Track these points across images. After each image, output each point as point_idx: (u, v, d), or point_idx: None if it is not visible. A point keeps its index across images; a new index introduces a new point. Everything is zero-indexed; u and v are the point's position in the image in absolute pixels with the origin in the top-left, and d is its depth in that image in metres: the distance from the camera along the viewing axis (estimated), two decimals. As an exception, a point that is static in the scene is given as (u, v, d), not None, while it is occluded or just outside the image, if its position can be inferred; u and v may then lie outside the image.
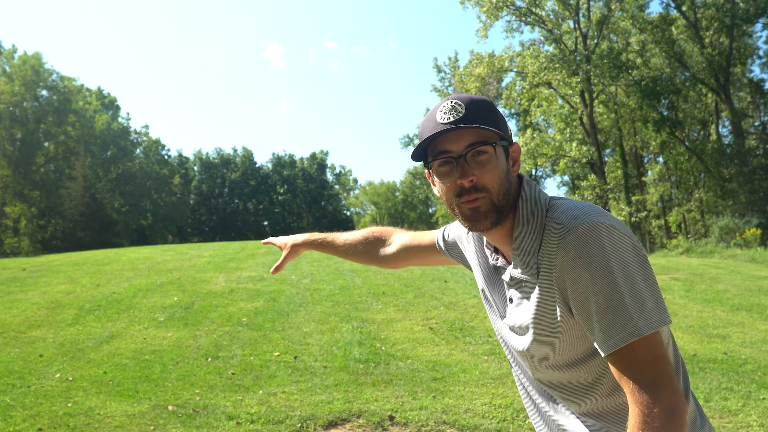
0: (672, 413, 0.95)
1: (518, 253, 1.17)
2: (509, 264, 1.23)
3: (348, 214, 72.98)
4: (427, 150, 1.19)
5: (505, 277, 1.23)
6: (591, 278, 1.02)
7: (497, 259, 1.27)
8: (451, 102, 1.16)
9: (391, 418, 4.03)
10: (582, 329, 1.10)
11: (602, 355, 1.04)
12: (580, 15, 28.09)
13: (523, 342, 1.21)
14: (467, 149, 1.13)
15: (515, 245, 1.17)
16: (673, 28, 26.34)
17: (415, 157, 1.21)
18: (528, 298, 1.17)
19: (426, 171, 1.24)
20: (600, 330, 1.02)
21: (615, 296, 1.00)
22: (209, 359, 5.43)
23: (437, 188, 1.21)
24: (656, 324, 1.00)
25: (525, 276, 1.16)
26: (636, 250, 1.05)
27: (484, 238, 1.31)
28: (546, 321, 1.14)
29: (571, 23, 28.57)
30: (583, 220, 1.05)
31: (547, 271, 1.10)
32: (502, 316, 1.27)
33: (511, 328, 1.24)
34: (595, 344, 1.05)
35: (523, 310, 1.19)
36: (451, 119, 1.13)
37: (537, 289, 1.13)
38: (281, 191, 66.45)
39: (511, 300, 1.23)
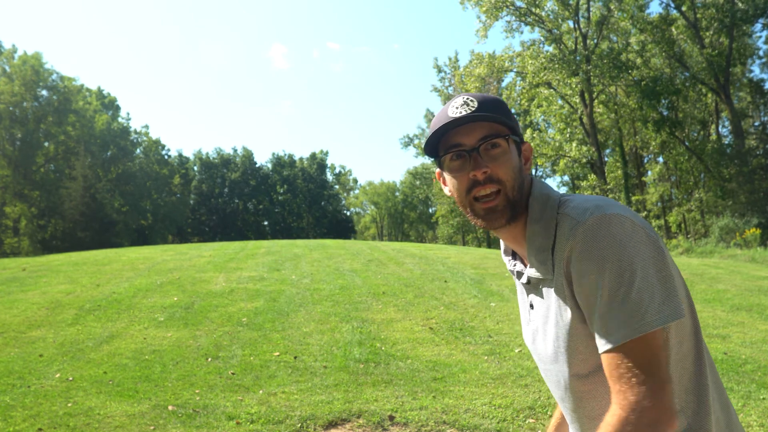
0: (649, 426, 0.92)
1: (532, 252, 1.14)
2: (526, 267, 1.20)
3: (348, 214, 72.97)
4: (439, 147, 1.17)
5: (523, 279, 1.20)
6: (598, 270, 0.99)
7: (515, 265, 1.24)
8: (464, 98, 1.15)
9: (391, 418, 4.03)
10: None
11: (600, 351, 1.01)
12: (580, 15, 28.08)
13: (547, 348, 1.16)
14: (480, 142, 1.12)
15: (529, 244, 1.14)
16: (672, 29, 26.32)
17: (428, 151, 1.18)
18: (546, 299, 1.14)
19: (436, 171, 1.22)
20: (602, 325, 1.00)
21: (621, 290, 0.97)
22: (209, 359, 5.43)
23: (449, 186, 1.19)
24: (661, 320, 0.96)
25: (540, 275, 1.13)
26: (651, 241, 1.01)
27: (502, 245, 1.29)
28: (563, 320, 1.10)
29: (570, 23, 28.57)
30: (594, 213, 1.03)
31: (559, 267, 1.08)
32: (527, 324, 1.25)
33: (535, 336, 1.20)
34: (596, 338, 1.02)
35: (542, 312, 1.16)
36: (464, 113, 1.12)
37: (553, 287, 1.11)
38: (281, 191, 66.44)
39: (531, 306, 1.20)
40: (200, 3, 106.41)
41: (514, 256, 1.27)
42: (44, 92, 39.78)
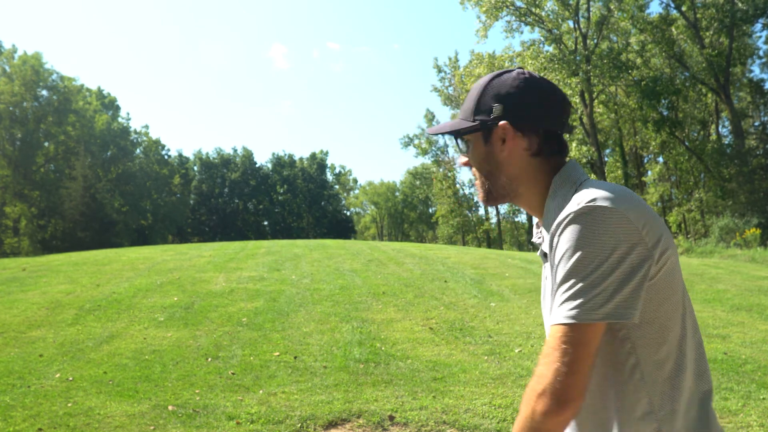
0: (540, 400, 1.01)
1: (545, 227, 1.19)
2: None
3: (348, 214, 72.97)
4: None
5: (539, 252, 1.24)
6: (566, 255, 1.04)
7: (540, 237, 1.25)
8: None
9: (391, 418, 4.03)
10: None
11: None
12: (580, 15, 28.08)
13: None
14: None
15: (544, 219, 1.20)
16: (672, 29, 26.31)
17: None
18: (551, 274, 1.17)
19: None
20: (552, 303, 1.08)
21: (573, 278, 1.02)
22: (209, 359, 5.43)
23: None
24: (592, 318, 1.00)
25: (548, 249, 1.16)
26: (634, 240, 1.03)
27: (534, 219, 1.32)
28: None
29: (570, 23, 28.57)
30: (590, 201, 1.05)
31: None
32: (542, 296, 1.29)
33: (549, 308, 1.24)
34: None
35: (547, 287, 1.21)
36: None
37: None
38: (281, 191, 66.45)
39: (547, 277, 1.23)
40: (200, 3, 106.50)
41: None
42: (44, 92, 39.79)
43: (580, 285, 1.01)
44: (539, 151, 1.19)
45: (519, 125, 1.18)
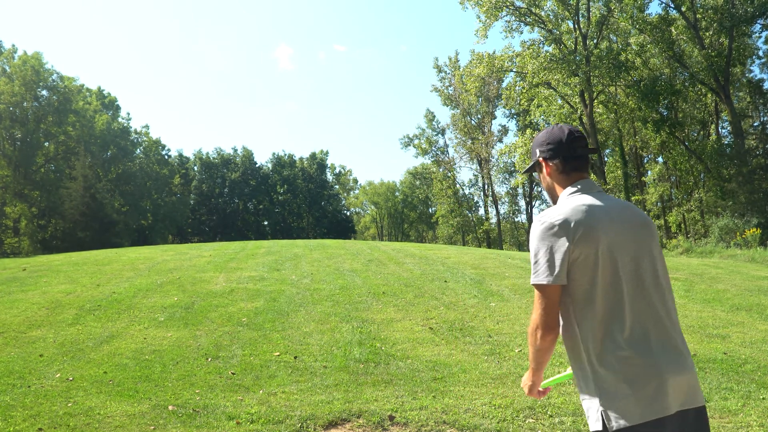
0: (532, 328, 1.93)
1: None
2: None
3: (348, 214, 72.95)
4: None
5: None
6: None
7: None
8: None
9: (391, 418, 4.03)
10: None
11: None
12: (580, 15, 28.06)
13: None
14: None
15: None
16: (672, 29, 26.27)
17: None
18: None
19: None
20: None
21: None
22: (209, 359, 5.44)
23: None
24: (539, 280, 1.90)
25: None
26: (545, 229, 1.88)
27: None
28: None
29: (570, 23, 28.56)
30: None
31: None
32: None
33: None
34: None
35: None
36: None
37: None
38: (281, 191, 66.43)
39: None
40: (203, 4, 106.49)
41: None
42: (44, 92, 39.77)
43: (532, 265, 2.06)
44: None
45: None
